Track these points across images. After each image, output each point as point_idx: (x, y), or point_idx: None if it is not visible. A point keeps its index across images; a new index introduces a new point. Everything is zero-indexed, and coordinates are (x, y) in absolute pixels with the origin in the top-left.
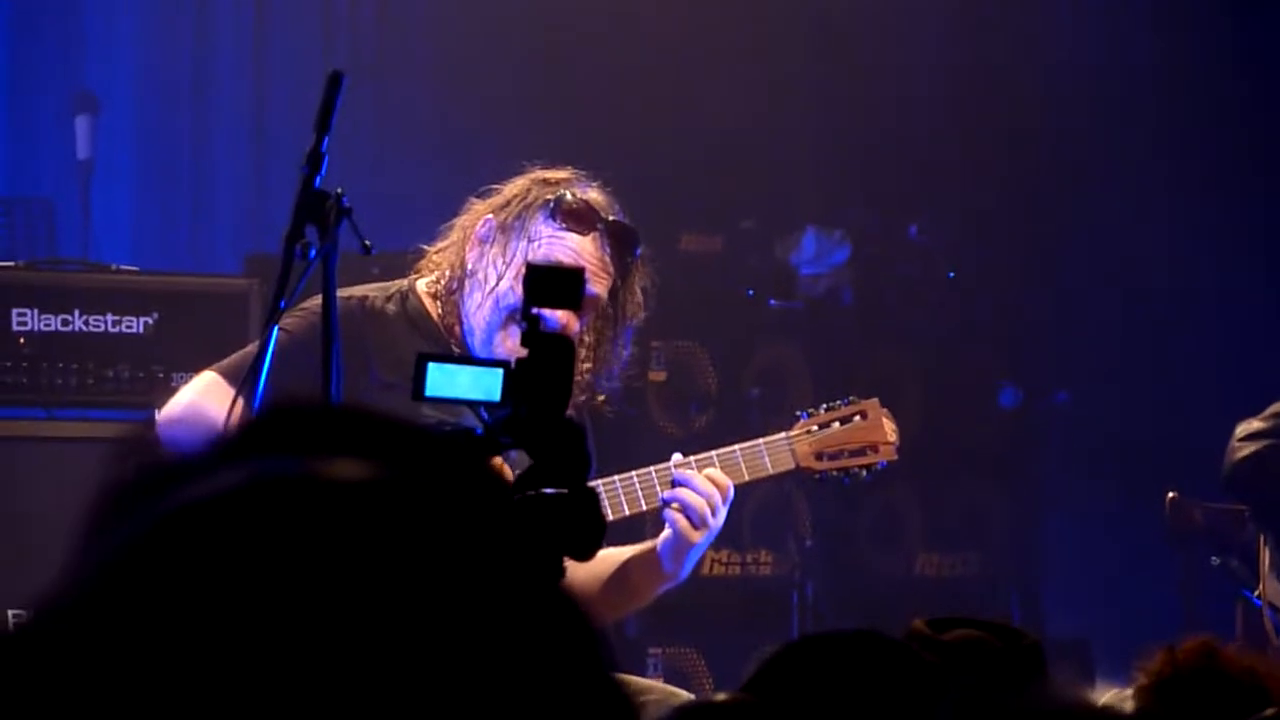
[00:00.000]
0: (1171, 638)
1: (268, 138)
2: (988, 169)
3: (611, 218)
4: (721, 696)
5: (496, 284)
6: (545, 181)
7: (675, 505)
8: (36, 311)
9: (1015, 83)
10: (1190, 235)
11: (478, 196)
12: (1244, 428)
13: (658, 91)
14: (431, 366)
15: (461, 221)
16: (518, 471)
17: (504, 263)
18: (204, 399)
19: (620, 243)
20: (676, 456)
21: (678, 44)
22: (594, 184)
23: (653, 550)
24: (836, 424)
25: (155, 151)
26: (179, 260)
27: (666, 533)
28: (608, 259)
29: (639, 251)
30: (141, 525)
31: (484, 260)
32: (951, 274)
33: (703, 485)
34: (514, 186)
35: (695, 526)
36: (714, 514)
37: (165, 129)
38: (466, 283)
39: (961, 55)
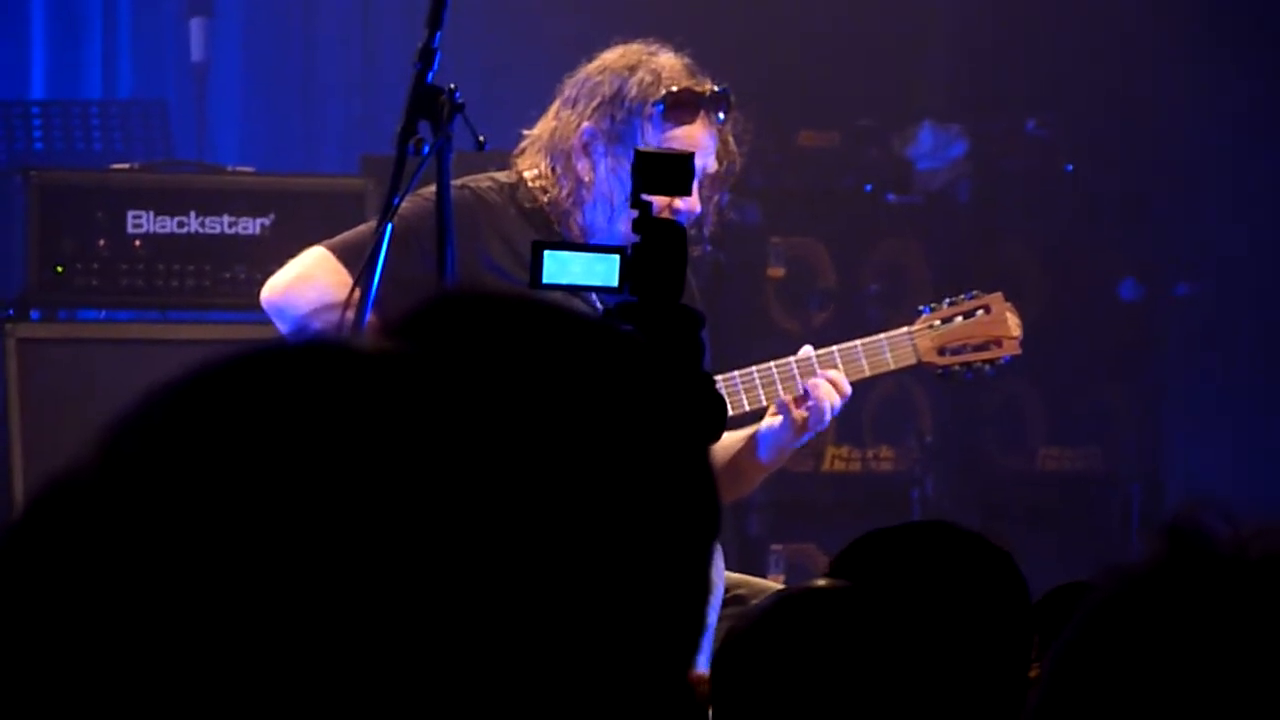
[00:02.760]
0: None
1: (378, 40)
2: (1107, 62)
3: (709, 92)
4: (821, 582)
5: (623, 199)
6: (634, 67)
7: (797, 399)
8: (152, 214)
9: None
10: None
11: (567, 79)
12: None
13: None
14: (548, 254)
15: (559, 118)
16: None
17: (626, 179)
18: (314, 273)
19: (719, 111)
20: (806, 349)
21: None
22: (677, 55)
23: (752, 438)
24: (959, 318)
25: (267, 54)
26: (292, 162)
27: (771, 421)
28: (713, 134)
29: (728, 111)
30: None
31: (600, 173)
32: (1069, 167)
33: (826, 389)
34: (608, 78)
35: (810, 427)
36: (828, 416)
37: (277, 30)
38: (585, 194)
39: None
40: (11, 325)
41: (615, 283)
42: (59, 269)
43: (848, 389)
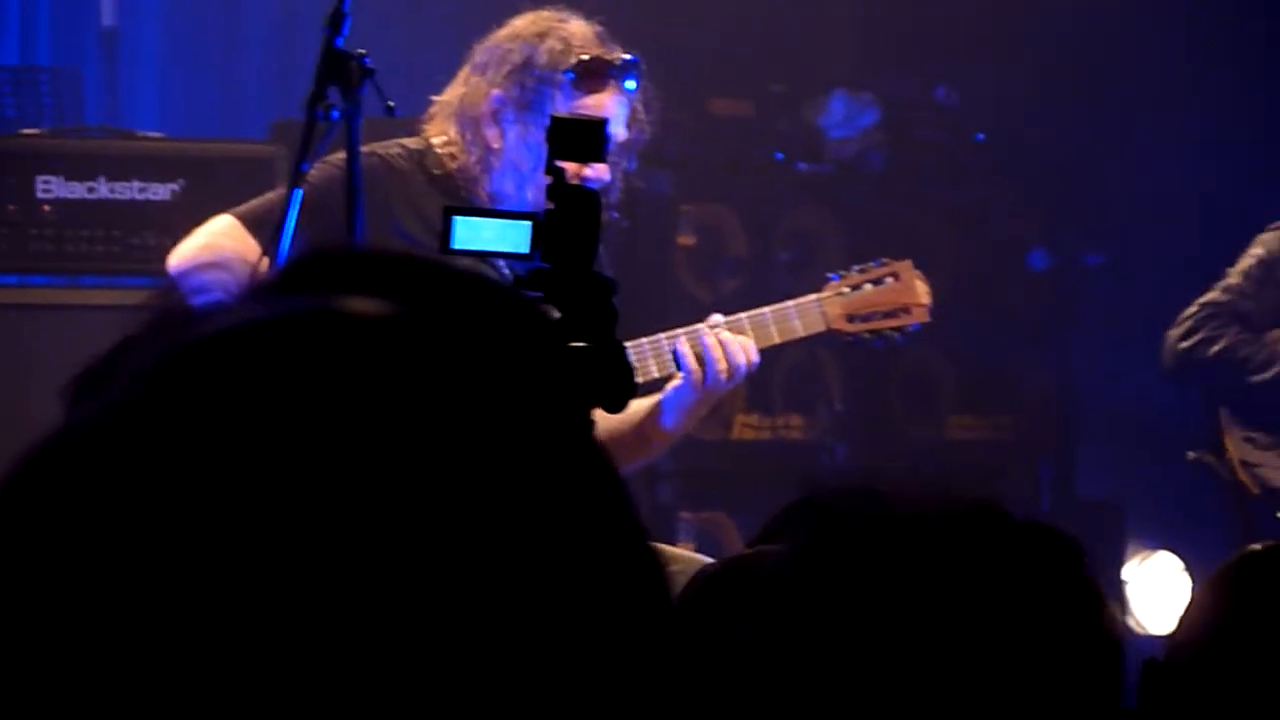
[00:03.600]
0: (1203, 504)
1: (296, 6)
2: (1017, 30)
3: (619, 61)
4: (748, 552)
5: (533, 166)
6: (544, 34)
7: (695, 353)
8: (62, 179)
9: None
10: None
11: (476, 46)
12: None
13: None
14: (458, 220)
15: (468, 85)
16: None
17: (536, 147)
18: (221, 243)
19: (629, 80)
20: (715, 317)
21: None
22: (586, 22)
23: (657, 404)
24: (868, 285)
25: (183, 21)
26: (207, 130)
27: (674, 383)
28: (623, 102)
29: (639, 80)
30: (162, 355)
31: (509, 140)
32: (980, 136)
33: (731, 346)
34: (518, 45)
35: (707, 384)
36: (729, 378)
37: None
38: (494, 161)
39: None
40: None
41: (527, 249)
42: None
43: (756, 357)
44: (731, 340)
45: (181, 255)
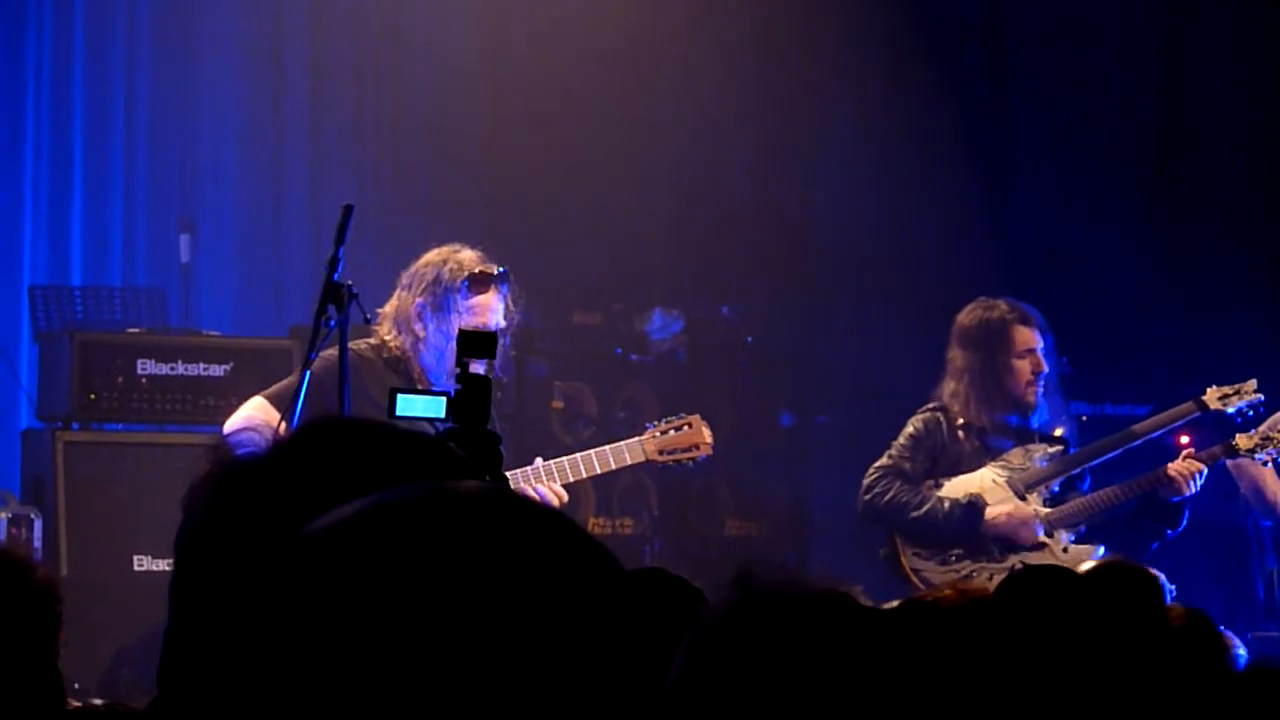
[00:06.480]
0: (893, 584)
1: (322, 246)
2: (775, 265)
3: (496, 272)
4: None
5: (445, 347)
6: (446, 260)
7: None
8: (153, 361)
9: (797, 207)
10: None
11: (404, 272)
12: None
13: (561, 208)
14: (400, 396)
15: (400, 297)
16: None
17: (446, 333)
18: (254, 414)
19: (503, 284)
20: (538, 460)
21: (563, 175)
22: (474, 250)
23: None
24: (673, 430)
25: (229, 260)
26: (248, 328)
27: None
28: (501, 300)
29: (509, 285)
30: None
31: (428, 330)
32: (750, 339)
33: (546, 494)
34: (430, 269)
35: None
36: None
37: (253, 239)
38: (421, 346)
39: (760, 187)
40: (60, 433)
41: (443, 414)
42: (92, 396)
43: (565, 496)
44: (543, 490)
45: (230, 423)
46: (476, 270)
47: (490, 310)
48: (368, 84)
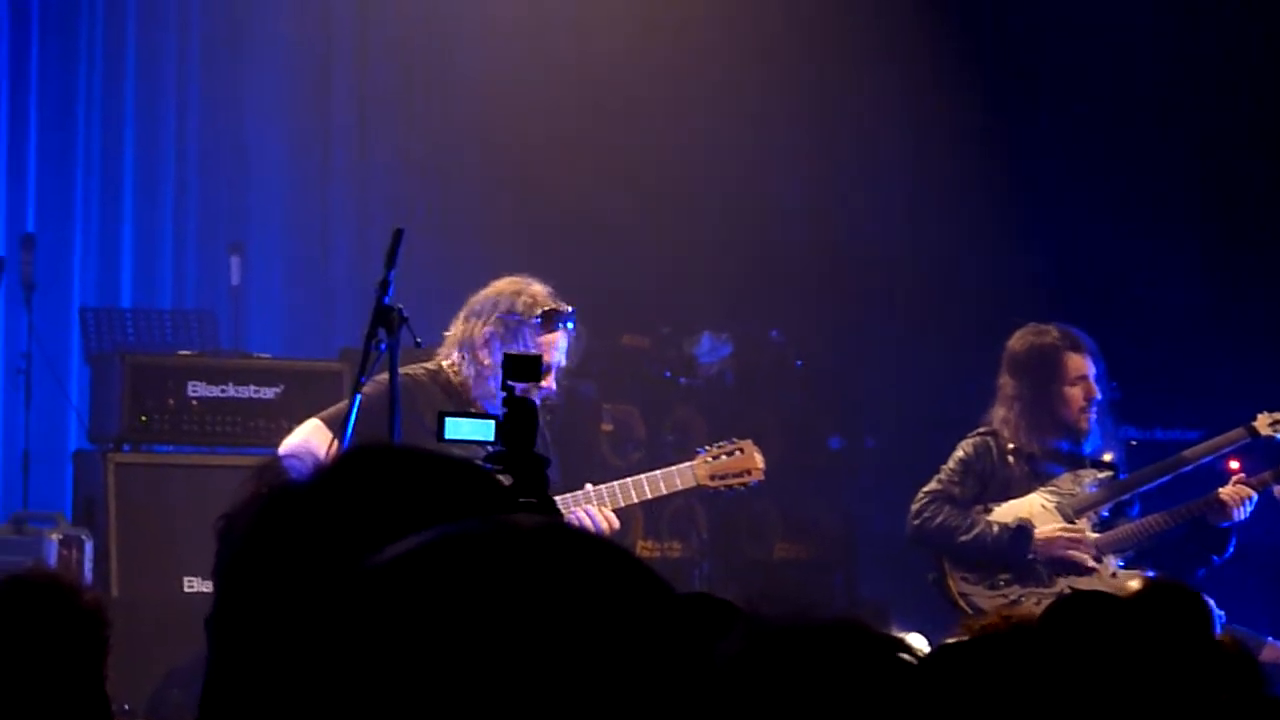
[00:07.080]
0: (939, 605)
1: (370, 268)
2: (823, 289)
3: (565, 311)
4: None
5: None
6: (520, 292)
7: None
8: (204, 384)
9: (846, 231)
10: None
11: (472, 298)
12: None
13: (609, 230)
14: (448, 419)
15: (467, 324)
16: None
17: None
18: (310, 436)
19: (570, 323)
20: (588, 486)
21: (625, 210)
22: (544, 285)
23: None
24: (724, 456)
25: (278, 282)
26: (299, 350)
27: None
28: (568, 338)
29: (575, 321)
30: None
31: (495, 360)
32: (799, 362)
33: (598, 519)
34: (503, 299)
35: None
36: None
37: (302, 262)
38: (486, 373)
39: (810, 211)
40: (112, 455)
41: (492, 438)
42: (143, 418)
43: (616, 523)
44: (594, 513)
45: (285, 444)
46: (550, 308)
47: (556, 348)
48: (416, 107)
